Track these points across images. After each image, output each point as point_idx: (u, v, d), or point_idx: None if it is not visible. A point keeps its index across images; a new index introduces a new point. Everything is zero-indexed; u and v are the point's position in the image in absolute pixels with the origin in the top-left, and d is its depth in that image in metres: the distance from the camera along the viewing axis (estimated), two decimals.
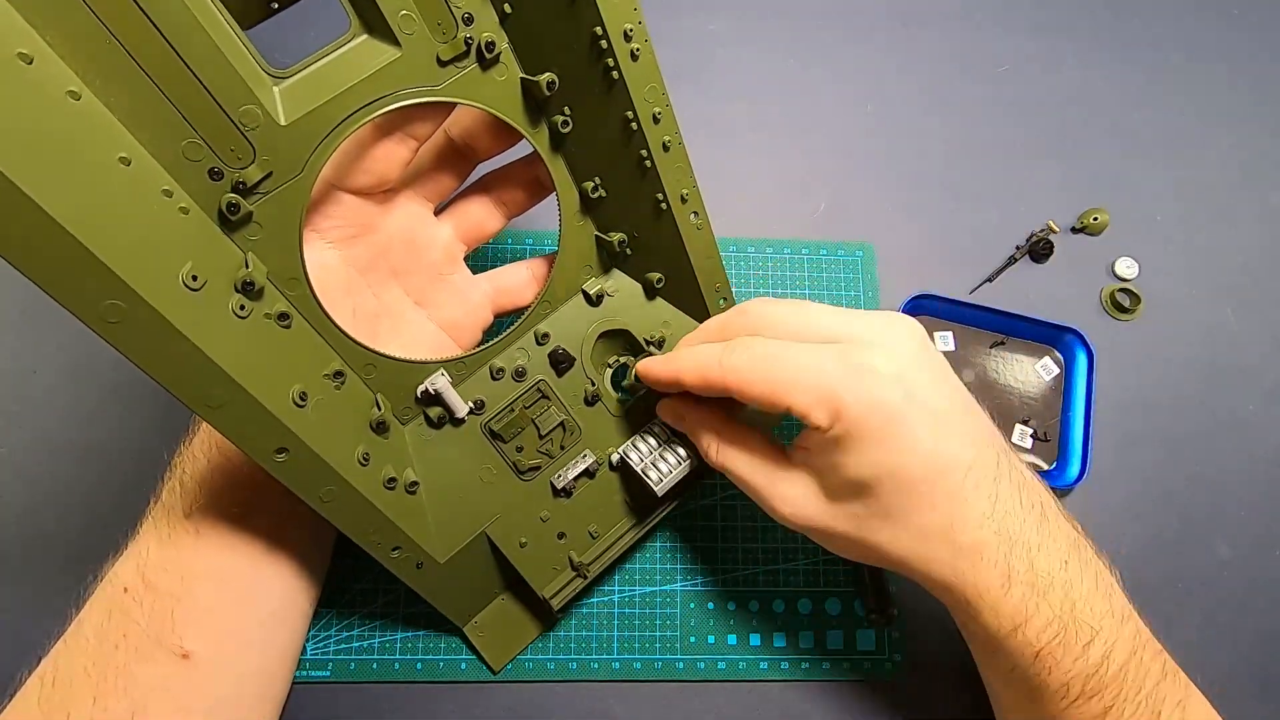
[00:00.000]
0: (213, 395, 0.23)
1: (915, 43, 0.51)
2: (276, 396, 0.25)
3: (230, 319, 0.24)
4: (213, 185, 0.24)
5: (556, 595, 0.34)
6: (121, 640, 0.28)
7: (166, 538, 0.30)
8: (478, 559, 0.34)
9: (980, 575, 0.27)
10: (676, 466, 0.34)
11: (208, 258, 0.24)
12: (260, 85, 0.25)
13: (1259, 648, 0.41)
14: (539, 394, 0.34)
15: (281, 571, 0.32)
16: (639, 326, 0.36)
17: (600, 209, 0.34)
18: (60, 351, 0.41)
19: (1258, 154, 0.49)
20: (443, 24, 0.27)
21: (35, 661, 0.29)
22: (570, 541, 0.35)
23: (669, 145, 0.31)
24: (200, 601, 0.30)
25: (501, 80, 0.29)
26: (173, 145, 0.23)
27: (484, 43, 0.28)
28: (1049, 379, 0.43)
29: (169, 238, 0.23)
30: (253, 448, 0.25)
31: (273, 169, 0.25)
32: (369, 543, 0.30)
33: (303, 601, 0.34)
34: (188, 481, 0.31)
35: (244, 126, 0.24)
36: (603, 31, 0.27)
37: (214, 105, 0.23)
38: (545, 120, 0.31)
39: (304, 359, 0.28)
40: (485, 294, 0.35)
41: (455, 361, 0.33)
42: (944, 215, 0.47)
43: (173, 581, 0.29)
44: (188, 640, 0.29)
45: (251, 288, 0.25)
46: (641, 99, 0.29)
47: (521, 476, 0.34)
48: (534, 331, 0.34)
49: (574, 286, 0.35)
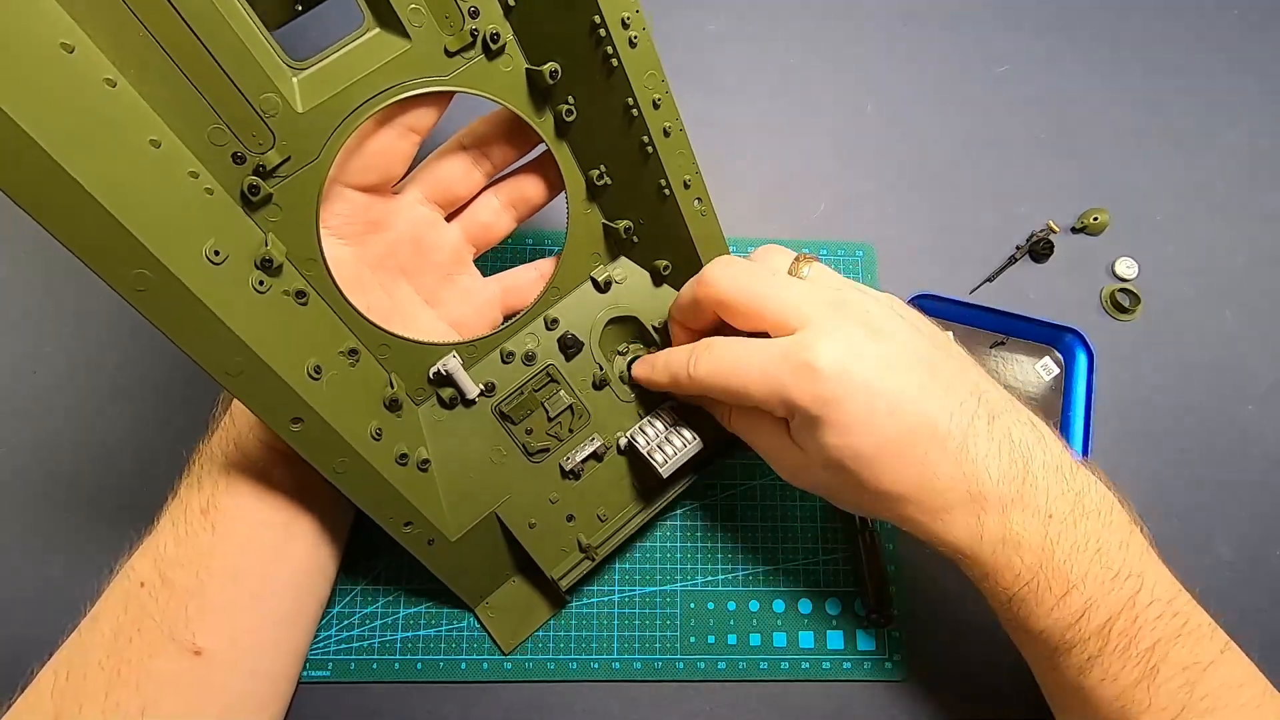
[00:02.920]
0: (231, 363, 0.25)
1: (915, 42, 0.51)
2: (292, 368, 0.26)
3: (250, 293, 0.26)
4: (236, 168, 0.26)
5: (565, 576, 0.35)
6: (136, 634, 0.29)
7: (183, 533, 0.31)
8: (489, 540, 0.35)
9: (952, 533, 0.29)
10: (682, 449, 0.34)
11: (230, 235, 0.26)
12: (280, 75, 0.26)
13: (1259, 648, 0.41)
14: (548, 378, 0.35)
15: (295, 570, 0.33)
16: (647, 313, 0.36)
17: (606, 196, 0.35)
18: (61, 351, 0.41)
19: (1258, 154, 0.49)
20: (450, 17, 0.28)
21: (45, 655, 0.30)
22: (579, 524, 0.35)
23: (669, 131, 0.31)
24: (214, 599, 0.30)
25: (507, 71, 0.30)
26: (200, 131, 0.25)
27: (489, 34, 0.29)
28: (1049, 379, 0.43)
29: (194, 215, 0.25)
30: (270, 416, 0.26)
31: (291, 154, 0.27)
32: (382, 517, 0.30)
33: (313, 603, 0.35)
34: (205, 478, 0.32)
35: (265, 114, 0.26)
36: (601, 20, 0.28)
37: (237, 94, 0.25)
38: (550, 109, 0.32)
39: (319, 335, 0.29)
40: (494, 295, 0.36)
41: (467, 345, 0.34)
42: (944, 215, 0.47)
43: (188, 577, 0.30)
44: (201, 637, 0.29)
45: (270, 264, 0.27)
46: (641, 85, 0.30)
47: (531, 458, 0.35)
48: (544, 317, 0.35)
49: (582, 274, 0.36)
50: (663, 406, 0.36)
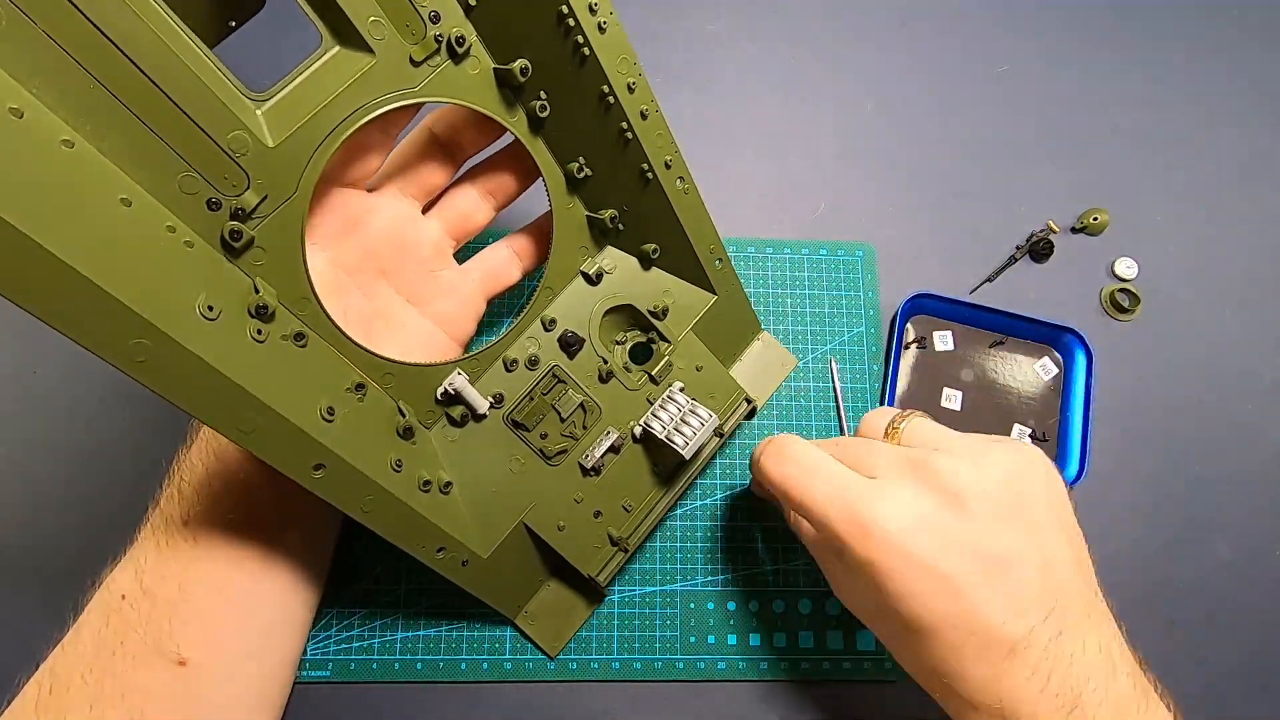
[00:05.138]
0: (245, 420, 0.24)
1: (915, 42, 0.51)
2: (305, 414, 0.26)
3: (249, 344, 0.25)
4: (212, 215, 0.25)
5: (602, 572, 0.35)
6: (119, 647, 0.28)
7: (164, 544, 0.30)
8: (519, 549, 0.35)
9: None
10: (700, 427, 0.34)
11: (218, 287, 0.25)
12: (243, 110, 0.25)
13: (1259, 648, 0.41)
14: (555, 379, 0.35)
15: (279, 579, 0.32)
16: (641, 298, 0.36)
17: (587, 188, 0.34)
18: (60, 352, 0.41)
19: (1258, 154, 0.49)
20: (411, 25, 0.27)
21: (33, 666, 0.29)
22: (606, 519, 0.35)
23: (647, 114, 0.31)
24: (198, 609, 0.29)
25: (475, 74, 0.29)
26: (169, 180, 0.24)
27: (453, 38, 0.28)
28: (1048, 379, 0.43)
29: (179, 272, 0.23)
30: (291, 468, 0.25)
31: (268, 192, 0.26)
32: (414, 547, 0.30)
33: (301, 610, 0.34)
34: (186, 488, 0.31)
35: (234, 153, 0.25)
36: (569, 9, 0.27)
37: (202, 135, 0.24)
38: (522, 107, 0.31)
39: (324, 375, 0.29)
40: (475, 284, 0.35)
41: (470, 359, 0.33)
42: (944, 215, 0.47)
43: (170, 589, 0.29)
44: (185, 648, 0.29)
45: (265, 311, 0.26)
46: (615, 71, 0.29)
47: (549, 462, 0.35)
48: (540, 319, 0.35)
49: (572, 269, 0.36)
50: (672, 390, 0.36)
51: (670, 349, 0.36)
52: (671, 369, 0.36)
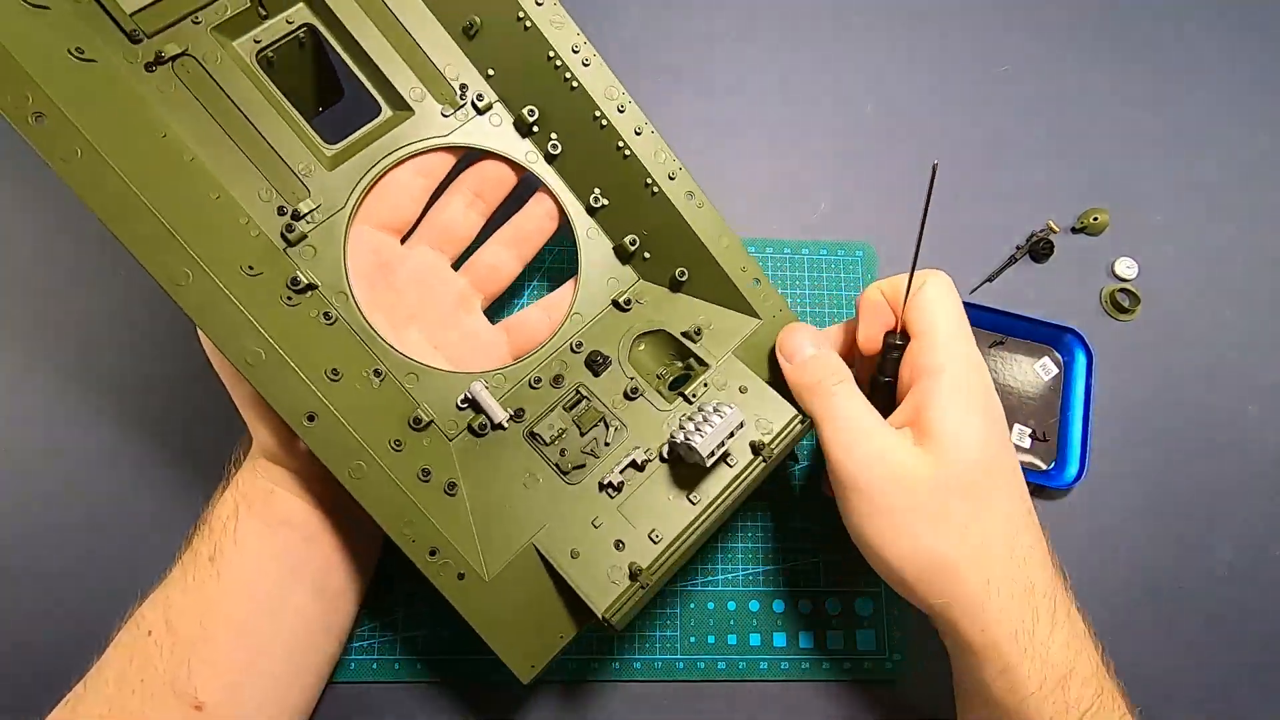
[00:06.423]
0: (250, 352, 0.28)
1: (915, 42, 0.51)
2: (309, 366, 0.29)
3: (277, 303, 0.30)
4: (279, 218, 0.32)
5: (617, 612, 0.30)
6: (139, 685, 0.29)
7: (191, 581, 0.31)
8: (531, 585, 0.31)
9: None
10: (720, 425, 0.31)
11: (267, 263, 0.31)
12: (316, 150, 0.34)
13: (1259, 648, 0.41)
14: (578, 396, 0.34)
15: (301, 626, 0.32)
16: (673, 324, 0.36)
17: (607, 216, 0.37)
18: (60, 352, 0.41)
19: (1258, 154, 0.49)
20: (443, 91, 0.35)
21: (50, 687, 0.30)
22: (630, 550, 0.32)
23: (640, 130, 0.35)
24: (217, 650, 0.30)
25: (497, 125, 0.36)
26: (253, 191, 0.32)
27: (475, 96, 0.36)
28: (1048, 379, 0.44)
29: (237, 244, 0.30)
30: (285, 409, 0.29)
31: (321, 202, 0.33)
32: (401, 536, 0.29)
33: (320, 661, 0.34)
34: (215, 525, 0.32)
35: (301, 175, 0.33)
36: (555, 53, 0.34)
37: (282, 164, 0.33)
38: (539, 148, 0.37)
39: (343, 351, 0.32)
40: (501, 338, 0.37)
41: (494, 374, 0.34)
42: (944, 215, 0.47)
43: (192, 626, 0.30)
44: (202, 691, 0.29)
45: (298, 283, 0.31)
46: (602, 97, 0.35)
47: (566, 477, 0.33)
48: (569, 343, 0.35)
49: (602, 298, 0.37)
50: (703, 404, 0.33)
51: (708, 371, 0.35)
52: (708, 388, 0.35)
